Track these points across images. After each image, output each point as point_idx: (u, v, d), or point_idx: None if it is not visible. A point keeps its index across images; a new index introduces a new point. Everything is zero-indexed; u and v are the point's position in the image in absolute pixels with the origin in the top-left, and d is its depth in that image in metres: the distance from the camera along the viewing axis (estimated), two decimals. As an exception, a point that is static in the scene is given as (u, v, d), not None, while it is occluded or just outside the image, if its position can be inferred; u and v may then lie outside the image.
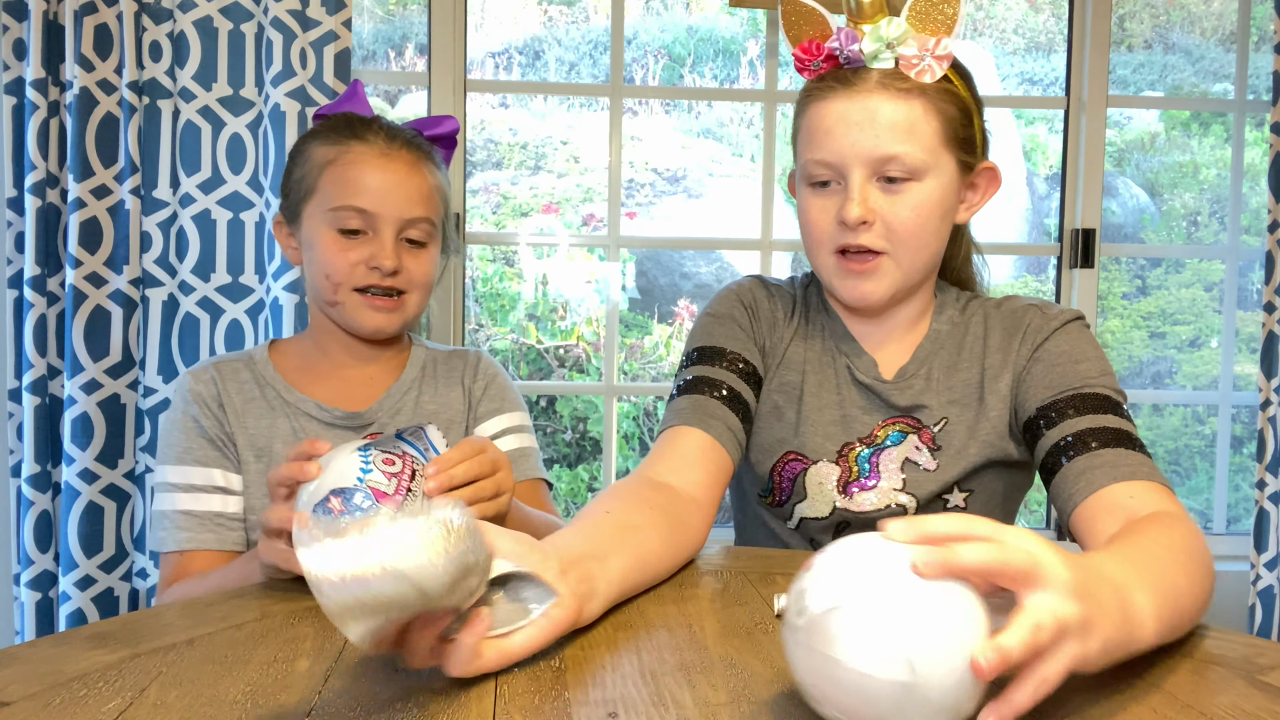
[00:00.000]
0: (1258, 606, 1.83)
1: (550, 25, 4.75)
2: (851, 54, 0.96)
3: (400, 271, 1.13)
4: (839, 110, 0.95)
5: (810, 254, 1.03)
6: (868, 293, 0.99)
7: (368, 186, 1.12)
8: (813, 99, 0.99)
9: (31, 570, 1.62)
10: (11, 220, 1.61)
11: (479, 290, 4.03)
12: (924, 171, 0.95)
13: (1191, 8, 4.71)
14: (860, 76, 0.96)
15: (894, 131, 0.94)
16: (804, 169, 0.99)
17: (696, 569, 0.91)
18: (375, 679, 0.64)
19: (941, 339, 1.06)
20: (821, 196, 0.99)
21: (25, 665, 0.67)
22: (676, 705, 0.60)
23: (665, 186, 4.44)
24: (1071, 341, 0.99)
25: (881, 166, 0.95)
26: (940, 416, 1.03)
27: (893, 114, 0.94)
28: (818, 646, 0.51)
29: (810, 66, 0.99)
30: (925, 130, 0.95)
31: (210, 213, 1.63)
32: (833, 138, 0.95)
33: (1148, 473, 0.87)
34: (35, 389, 1.59)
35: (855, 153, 0.94)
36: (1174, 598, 0.66)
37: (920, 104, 0.95)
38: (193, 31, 1.61)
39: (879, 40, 0.95)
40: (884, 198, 0.96)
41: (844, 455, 1.04)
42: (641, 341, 4.15)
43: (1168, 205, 4.53)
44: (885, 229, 0.96)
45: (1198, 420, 4.03)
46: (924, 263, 1.01)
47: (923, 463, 1.02)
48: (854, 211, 0.94)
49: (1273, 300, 1.81)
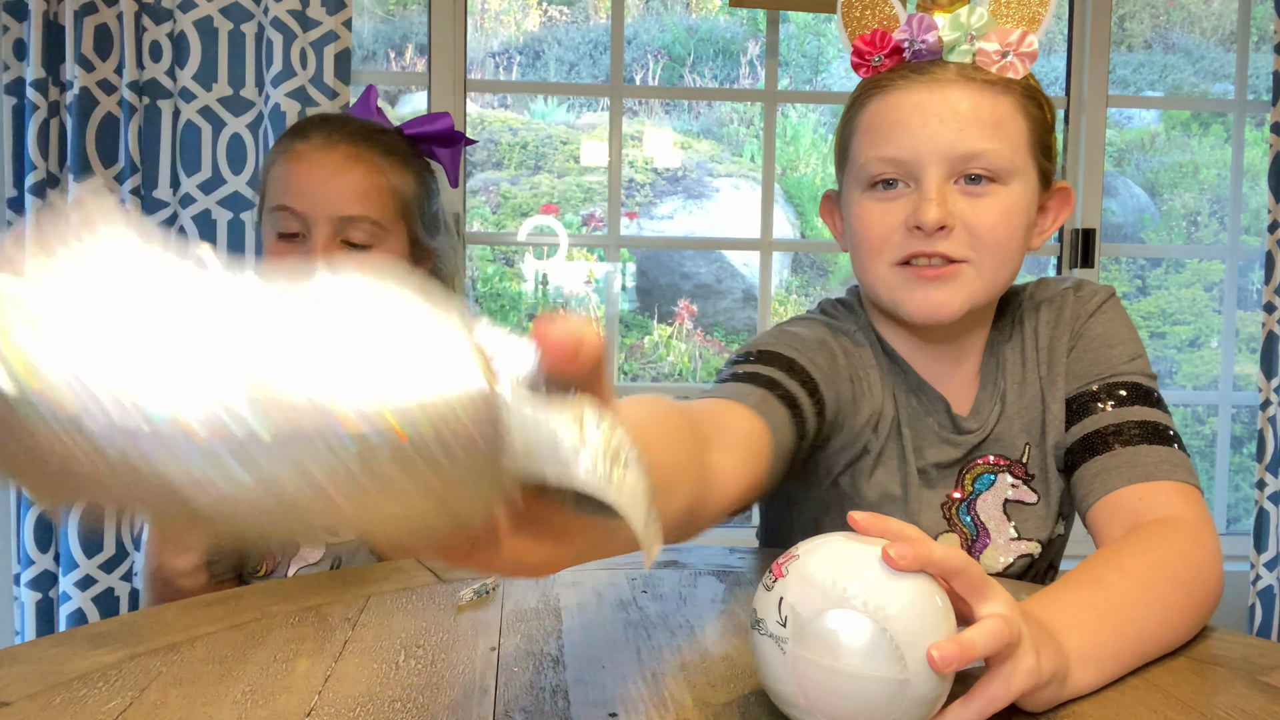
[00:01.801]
0: (1258, 606, 1.83)
1: (550, 25, 4.76)
2: (926, 43, 0.84)
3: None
4: (914, 101, 0.83)
5: (863, 268, 0.88)
6: (940, 304, 0.84)
7: (299, 184, 1.03)
8: (878, 91, 0.86)
9: (32, 570, 1.62)
10: (11, 220, 1.61)
11: (479, 290, 4.03)
12: (1010, 175, 0.83)
13: (1191, 8, 4.72)
14: (937, 67, 0.84)
15: (980, 126, 0.82)
16: (863, 169, 0.86)
17: (697, 569, 0.91)
18: (375, 679, 0.64)
19: (998, 353, 0.94)
20: (884, 200, 0.85)
21: (25, 665, 0.67)
22: (676, 705, 0.60)
23: (665, 186, 4.44)
24: (1106, 324, 0.92)
25: (963, 165, 0.82)
26: (1024, 442, 0.92)
27: (978, 107, 0.82)
28: (809, 653, 0.51)
29: (871, 62, 0.87)
30: (1013, 129, 0.83)
31: (210, 213, 1.63)
32: (906, 131, 0.83)
33: (1167, 471, 0.81)
34: (35, 389, 1.59)
35: (933, 148, 0.82)
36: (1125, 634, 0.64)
37: (1008, 100, 0.83)
38: (193, 31, 1.61)
39: (959, 28, 0.83)
40: (964, 200, 0.83)
41: (948, 518, 0.92)
42: (641, 341, 4.15)
43: (1168, 205, 4.53)
44: (968, 235, 0.83)
45: (1198, 420, 4.02)
46: (1004, 280, 0.88)
47: (1024, 499, 0.92)
48: (932, 213, 0.81)
49: (1273, 300, 1.81)
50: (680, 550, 0.99)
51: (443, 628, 0.75)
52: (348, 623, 0.76)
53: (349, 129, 1.08)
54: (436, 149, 1.17)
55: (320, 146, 1.05)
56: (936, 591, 0.52)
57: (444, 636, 0.73)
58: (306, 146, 1.05)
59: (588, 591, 0.84)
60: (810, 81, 4.74)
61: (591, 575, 0.89)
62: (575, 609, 0.79)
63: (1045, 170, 0.88)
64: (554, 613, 0.78)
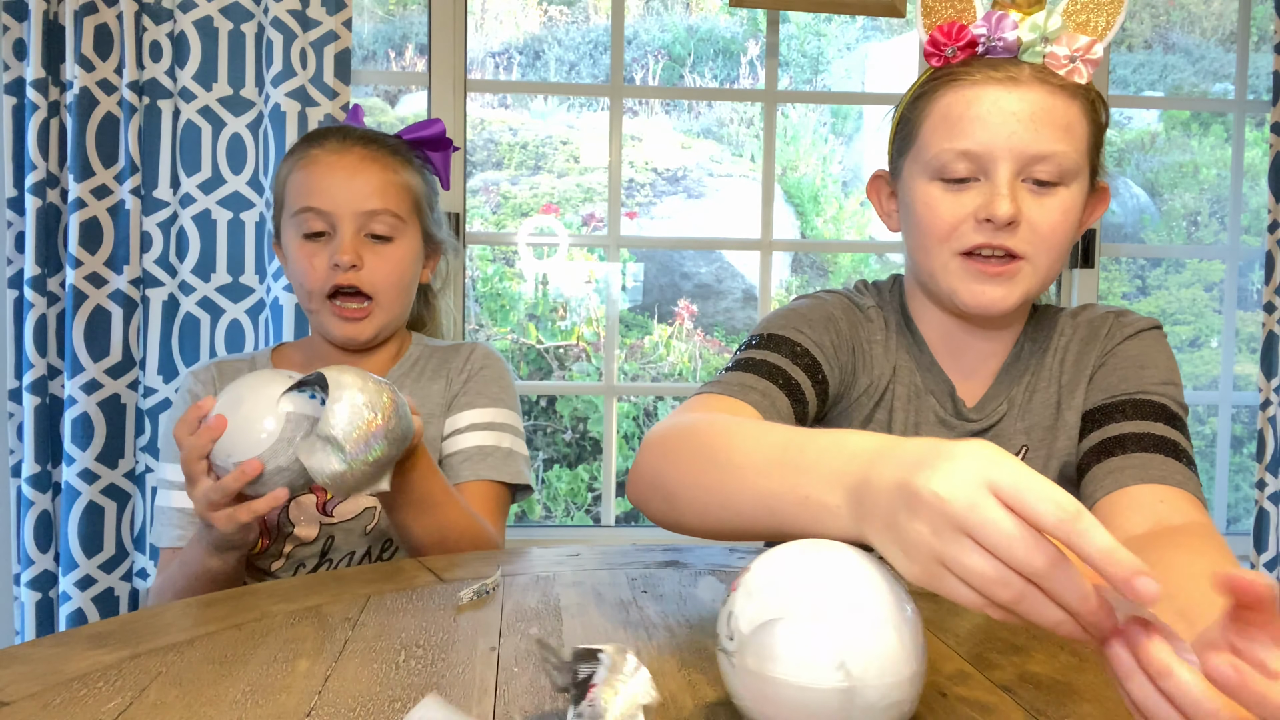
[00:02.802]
0: (1258, 606, 1.84)
1: (550, 25, 4.76)
2: (1004, 41, 0.87)
3: (361, 267, 1.10)
4: (993, 97, 0.86)
5: (924, 253, 0.92)
6: (997, 300, 0.89)
7: (321, 186, 1.11)
8: (953, 83, 0.88)
9: (31, 570, 1.62)
10: (11, 220, 1.61)
11: (479, 290, 4.03)
12: (1073, 176, 0.88)
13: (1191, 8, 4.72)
14: (1014, 66, 0.87)
15: (1054, 129, 0.86)
16: (937, 159, 0.89)
17: (697, 569, 0.91)
18: (375, 679, 0.64)
19: (1024, 360, 0.98)
20: (953, 191, 0.89)
21: (25, 665, 0.67)
22: (676, 706, 0.60)
23: (665, 186, 4.45)
24: (1143, 347, 0.95)
25: (1033, 165, 0.86)
26: (1021, 444, 0.96)
27: (1053, 110, 0.86)
28: (751, 666, 0.51)
29: (945, 53, 0.89)
30: (1080, 133, 0.88)
31: (210, 213, 1.63)
32: (984, 126, 0.86)
33: (1180, 480, 0.82)
34: (35, 389, 1.60)
35: (1010, 145, 0.85)
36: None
37: (1077, 105, 0.87)
38: (193, 31, 1.61)
39: (1037, 30, 0.86)
40: (1031, 199, 0.87)
41: None
42: (641, 341, 4.15)
43: (1168, 205, 4.53)
44: (1031, 232, 0.87)
45: (1198, 420, 4.03)
46: (1053, 277, 0.92)
47: None
48: (1005, 208, 0.85)
49: (1273, 300, 1.81)
50: (680, 550, 0.99)
51: (443, 628, 0.75)
52: (348, 623, 0.76)
53: (359, 134, 1.16)
54: (431, 153, 1.23)
55: (335, 150, 1.13)
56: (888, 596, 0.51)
57: (444, 636, 0.73)
58: (321, 152, 1.13)
59: (588, 591, 0.84)
60: (810, 81, 4.74)
61: (591, 575, 0.89)
62: (575, 609, 0.79)
63: (1095, 172, 0.92)
64: (554, 613, 0.78)
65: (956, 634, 0.74)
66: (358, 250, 1.10)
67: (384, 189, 1.13)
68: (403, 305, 1.17)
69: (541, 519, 3.82)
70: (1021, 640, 0.73)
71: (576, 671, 0.53)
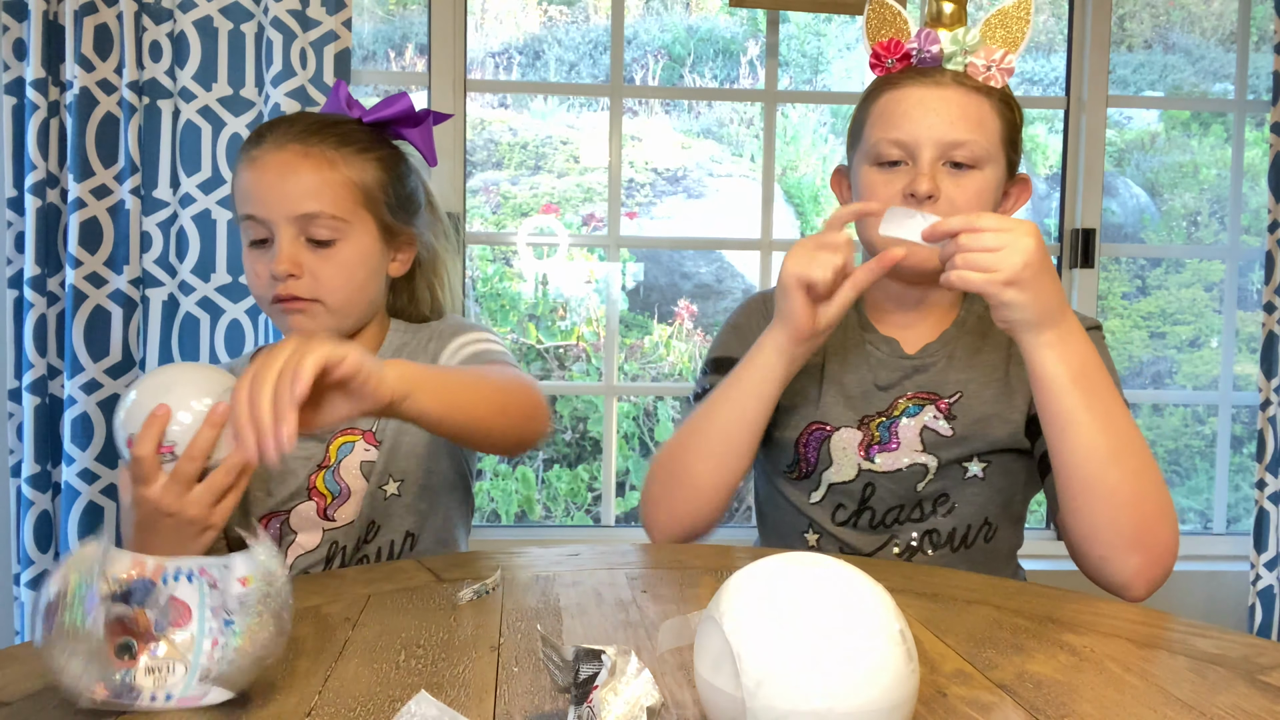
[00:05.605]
0: (1258, 606, 1.83)
1: (550, 25, 4.76)
2: (930, 54, 1.06)
3: (301, 276, 1.03)
4: (917, 96, 1.05)
5: (864, 224, 1.09)
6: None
7: (256, 191, 1.04)
8: (891, 86, 1.08)
9: (31, 570, 1.62)
10: (11, 220, 1.61)
11: (479, 290, 4.03)
12: (985, 161, 1.05)
13: (1191, 8, 4.72)
14: (938, 72, 1.06)
15: (966, 120, 1.04)
16: (874, 148, 1.07)
17: (697, 569, 0.91)
18: (375, 679, 0.64)
19: (968, 327, 1.13)
20: (888, 174, 1.06)
21: (25, 665, 0.67)
22: (676, 706, 0.60)
23: (665, 186, 4.45)
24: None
25: (951, 150, 1.04)
26: (956, 390, 1.09)
27: (966, 105, 1.04)
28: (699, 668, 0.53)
29: (885, 63, 1.09)
30: (991, 126, 1.05)
31: (210, 213, 1.63)
32: (910, 120, 1.04)
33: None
34: (35, 389, 1.60)
35: (930, 135, 1.03)
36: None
37: (988, 103, 1.05)
38: (193, 31, 1.61)
39: (957, 44, 1.06)
40: (949, 179, 1.04)
41: (864, 425, 1.09)
42: (641, 341, 4.15)
43: (1168, 205, 4.53)
44: (949, 205, 1.03)
45: (1198, 420, 4.02)
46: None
47: (940, 429, 1.08)
48: (924, 184, 1.02)
49: (1273, 300, 1.81)
50: (680, 550, 0.99)
51: (443, 628, 0.75)
52: (348, 623, 0.76)
53: (298, 128, 1.07)
54: (405, 130, 1.14)
55: (270, 150, 1.05)
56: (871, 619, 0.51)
57: (444, 636, 0.73)
58: (259, 151, 1.05)
59: (588, 591, 0.84)
60: (810, 81, 4.74)
61: (591, 575, 0.89)
62: (575, 609, 0.79)
63: (1012, 161, 1.09)
64: (554, 613, 0.78)
65: (956, 634, 0.74)
66: (295, 259, 1.02)
67: (319, 189, 1.04)
68: (358, 306, 1.09)
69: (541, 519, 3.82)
70: (1021, 640, 0.73)
71: (578, 671, 0.53)
